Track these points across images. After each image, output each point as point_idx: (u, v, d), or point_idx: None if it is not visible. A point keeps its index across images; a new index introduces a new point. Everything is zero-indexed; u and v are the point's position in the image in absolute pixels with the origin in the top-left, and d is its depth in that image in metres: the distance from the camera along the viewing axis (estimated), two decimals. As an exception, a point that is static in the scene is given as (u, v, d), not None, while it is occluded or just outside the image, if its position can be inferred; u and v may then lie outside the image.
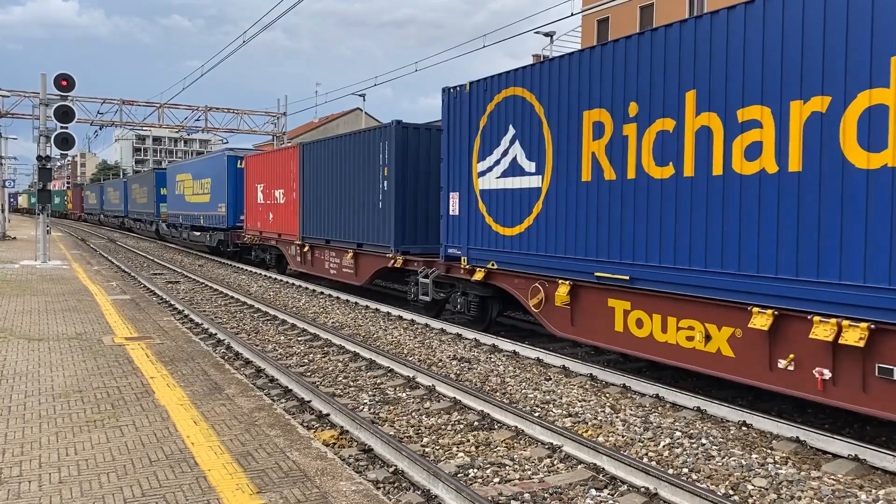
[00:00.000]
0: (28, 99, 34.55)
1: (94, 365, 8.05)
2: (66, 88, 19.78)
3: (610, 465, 6.09)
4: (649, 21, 33.43)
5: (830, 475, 6.10)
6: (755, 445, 6.83)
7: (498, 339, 11.39)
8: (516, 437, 7.05)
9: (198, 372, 7.86)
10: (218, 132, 42.95)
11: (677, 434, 7.10)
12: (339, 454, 6.40)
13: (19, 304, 12.51)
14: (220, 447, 5.42)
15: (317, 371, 9.87)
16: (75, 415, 6.18)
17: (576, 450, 6.48)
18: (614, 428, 7.38)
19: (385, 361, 10.03)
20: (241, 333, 12.64)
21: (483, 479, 6.00)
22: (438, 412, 7.92)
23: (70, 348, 8.92)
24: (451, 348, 11.27)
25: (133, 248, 34.19)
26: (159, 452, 5.28)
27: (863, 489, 5.83)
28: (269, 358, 10.18)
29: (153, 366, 8.10)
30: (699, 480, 5.99)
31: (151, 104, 39.09)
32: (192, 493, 4.57)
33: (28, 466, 4.98)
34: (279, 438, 5.65)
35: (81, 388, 7.06)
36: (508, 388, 8.95)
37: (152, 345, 9.32)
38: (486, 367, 9.99)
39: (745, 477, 6.04)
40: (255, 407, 6.54)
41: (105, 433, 5.70)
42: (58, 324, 10.65)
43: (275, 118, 42.08)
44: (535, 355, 10.42)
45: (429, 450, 6.70)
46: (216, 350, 10.83)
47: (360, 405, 8.18)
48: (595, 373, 9.35)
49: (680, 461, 6.42)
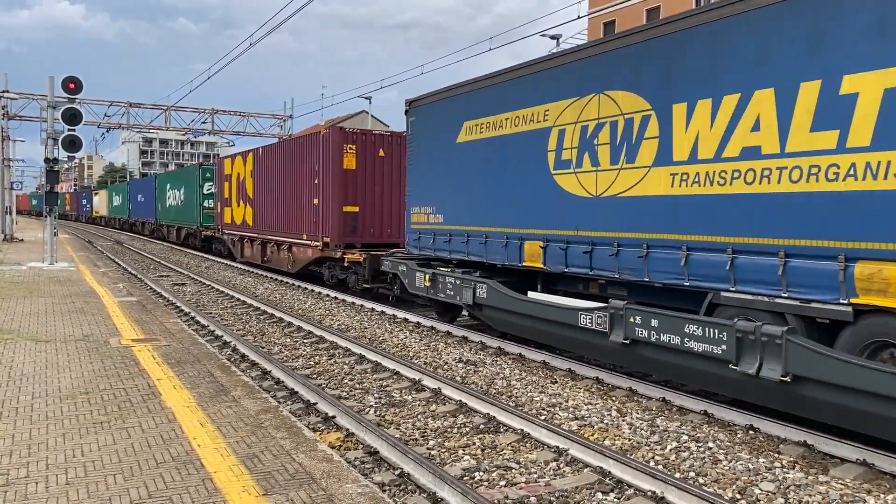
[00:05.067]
0: (36, 101, 34.75)
1: (101, 366, 8.06)
2: (73, 91, 19.85)
3: (616, 468, 6.07)
4: (655, 24, 33.37)
5: (838, 480, 6.06)
6: (762, 449, 6.79)
7: (504, 342, 11.38)
8: (522, 440, 7.03)
9: (204, 374, 7.87)
10: (224, 135, 43.11)
11: (684, 438, 7.07)
12: (345, 456, 6.39)
13: (26, 306, 12.55)
14: (227, 449, 5.42)
15: (323, 373, 9.87)
16: (82, 416, 6.19)
17: (582, 453, 6.46)
18: (620, 431, 7.35)
19: (391, 364, 10.03)
20: (248, 335, 12.66)
21: (489, 483, 5.99)
22: (444, 415, 7.91)
23: (77, 350, 8.94)
24: (456, 351, 11.26)
25: (140, 251, 34.28)
26: (165, 454, 5.28)
27: (871, 494, 5.79)
28: (275, 360, 10.19)
29: (159, 368, 8.11)
30: (706, 484, 5.96)
31: (158, 107, 39.25)
32: (198, 494, 4.57)
33: (35, 468, 4.99)
34: (285, 440, 5.65)
35: (88, 389, 7.08)
36: (514, 390, 8.94)
37: (159, 347, 9.33)
38: (491, 370, 9.97)
39: (753, 481, 6.01)
40: (262, 409, 6.54)
41: (112, 435, 5.71)
42: (65, 325, 10.68)
43: (281, 121, 42.19)
44: (541, 358, 10.40)
45: (435, 452, 6.70)
46: (222, 352, 10.84)
47: (366, 407, 8.18)
48: (601, 376, 9.33)
49: (687, 465, 6.40)
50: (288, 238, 21.29)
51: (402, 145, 16.99)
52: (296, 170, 20.65)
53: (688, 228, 8.29)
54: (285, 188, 21.51)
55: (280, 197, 21.96)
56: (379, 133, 19.10)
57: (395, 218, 18.24)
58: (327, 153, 18.36)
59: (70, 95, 19.96)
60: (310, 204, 19.52)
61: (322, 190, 18.68)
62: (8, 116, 35.48)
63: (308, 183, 19.68)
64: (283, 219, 21.70)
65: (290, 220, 21.11)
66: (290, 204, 21.14)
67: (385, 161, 18.37)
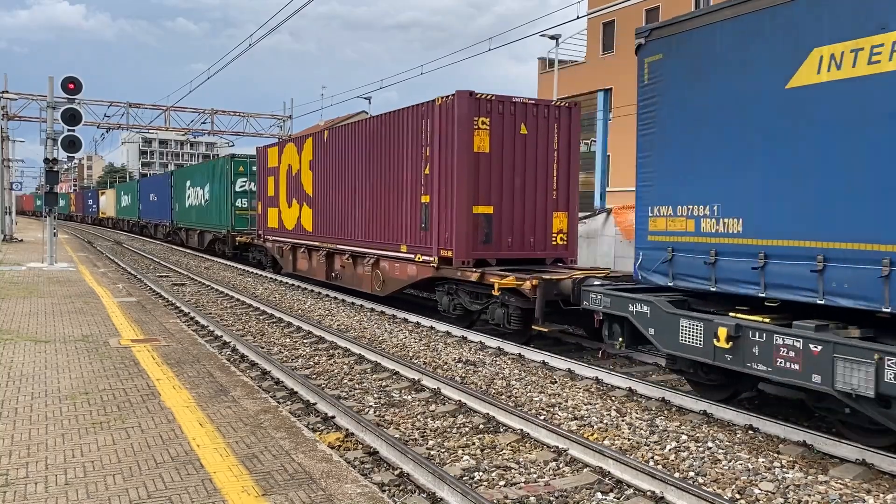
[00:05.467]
0: (35, 102, 34.76)
1: (101, 367, 8.06)
2: (73, 91, 19.85)
3: (616, 468, 6.07)
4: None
5: (838, 479, 6.06)
6: (762, 449, 6.80)
7: (503, 342, 11.38)
8: (522, 440, 7.03)
9: (203, 374, 7.87)
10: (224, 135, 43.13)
11: (683, 438, 7.08)
12: (345, 456, 6.39)
13: (26, 306, 12.55)
14: (226, 449, 5.42)
15: (322, 373, 9.88)
16: (81, 416, 6.19)
17: (581, 453, 6.46)
18: (620, 431, 7.36)
19: (390, 364, 10.03)
20: (247, 336, 12.66)
21: (488, 483, 5.99)
22: (444, 415, 7.91)
23: (76, 350, 8.94)
24: (456, 351, 11.27)
25: (139, 251, 34.28)
26: (165, 454, 5.29)
27: (870, 493, 5.80)
28: (274, 360, 10.20)
29: (159, 368, 8.11)
30: (705, 484, 5.96)
31: (158, 107, 39.27)
32: (197, 495, 4.57)
33: (35, 468, 4.99)
34: (285, 441, 5.65)
35: (88, 389, 7.08)
36: (514, 390, 8.94)
37: (158, 347, 9.33)
38: (491, 370, 9.98)
39: (752, 481, 6.01)
40: (261, 409, 6.54)
41: (111, 435, 5.71)
42: (64, 326, 10.68)
43: (281, 121, 42.21)
44: (541, 358, 10.40)
45: (434, 452, 6.70)
46: (222, 352, 10.84)
47: (366, 408, 8.18)
48: (601, 376, 9.33)
49: (686, 465, 6.40)
50: (373, 249, 15.74)
51: (549, 119, 13.23)
52: (388, 156, 15.12)
53: None
54: (370, 182, 15.94)
55: (360, 193, 16.44)
56: (521, 101, 13.18)
57: (539, 222, 13.40)
58: (447, 130, 12.92)
59: (70, 96, 19.97)
60: (413, 203, 14.10)
61: (437, 183, 13.27)
62: (8, 117, 35.46)
63: (411, 173, 14.17)
64: (366, 223, 16.15)
65: (377, 226, 15.65)
66: (377, 203, 15.68)
67: (528, 141, 13.10)
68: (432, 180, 13.41)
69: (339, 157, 17.58)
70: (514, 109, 12.98)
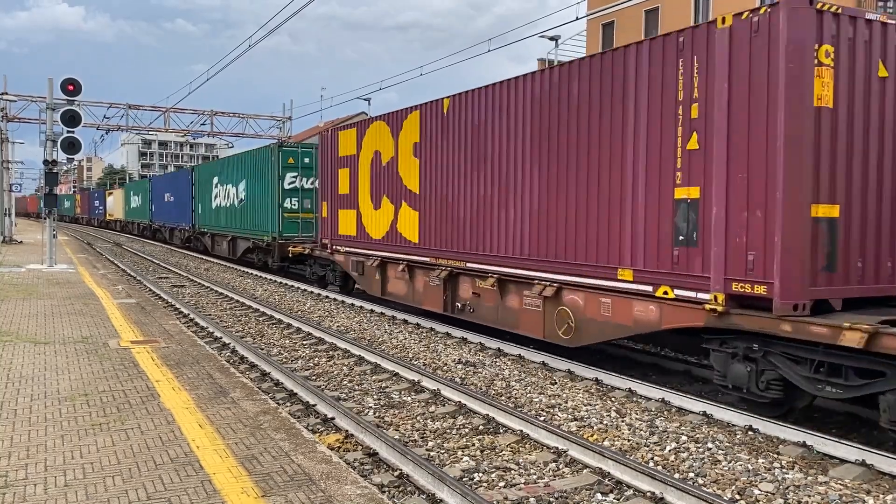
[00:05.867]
0: (35, 103, 34.83)
1: (100, 368, 8.06)
2: (72, 93, 19.86)
3: (616, 469, 6.07)
4: (654, 25, 33.42)
5: (837, 480, 6.06)
6: (762, 450, 6.80)
7: (503, 343, 11.37)
8: (521, 441, 7.03)
9: (203, 375, 7.87)
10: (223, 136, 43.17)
11: (683, 438, 7.07)
12: (344, 458, 6.39)
13: (26, 308, 12.54)
14: (226, 451, 5.42)
15: (322, 375, 9.87)
16: (81, 418, 6.19)
17: (581, 454, 6.46)
18: (620, 432, 7.36)
19: (390, 365, 10.03)
20: (247, 337, 12.65)
21: (488, 484, 5.99)
22: (443, 416, 7.91)
23: (76, 352, 8.94)
24: (456, 352, 11.26)
25: (139, 252, 34.27)
26: (164, 456, 5.28)
27: (870, 494, 5.79)
28: (274, 361, 10.19)
29: (158, 369, 8.11)
30: (705, 485, 5.96)
31: (157, 108, 39.31)
32: (197, 496, 4.57)
33: (34, 469, 4.99)
34: (284, 442, 5.65)
35: (87, 391, 7.08)
36: (513, 391, 8.94)
37: (158, 348, 9.33)
38: (491, 371, 9.97)
39: (752, 482, 6.01)
40: (261, 410, 6.54)
41: (110, 436, 5.71)
42: (64, 327, 10.68)
43: (280, 122, 42.24)
44: (541, 359, 10.40)
45: (434, 454, 6.69)
46: (221, 353, 10.84)
47: (365, 409, 8.18)
48: (600, 377, 9.32)
49: (686, 465, 6.40)
50: (549, 272, 10.49)
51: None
52: (588, 127, 9.73)
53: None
54: (543, 167, 10.56)
55: (519, 186, 11.09)
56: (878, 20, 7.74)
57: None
58: (756, 70, 7.49)
59: (69, 97, 19.99)
60: (653, 199, 8.74)
61: (719, 165, 7.85)
62: (7, 118, 35.49)
63: (648, 151, 8.79)
64: (534, 231, 10.79)
65: (559, 235, 10.28)
66: (560, 200, 10.26)
67: (889, 88, 7.82)
68: (705, 160, 8.05)
69: (475, 134, 12.19)
70: (870, 34, 7.70)
